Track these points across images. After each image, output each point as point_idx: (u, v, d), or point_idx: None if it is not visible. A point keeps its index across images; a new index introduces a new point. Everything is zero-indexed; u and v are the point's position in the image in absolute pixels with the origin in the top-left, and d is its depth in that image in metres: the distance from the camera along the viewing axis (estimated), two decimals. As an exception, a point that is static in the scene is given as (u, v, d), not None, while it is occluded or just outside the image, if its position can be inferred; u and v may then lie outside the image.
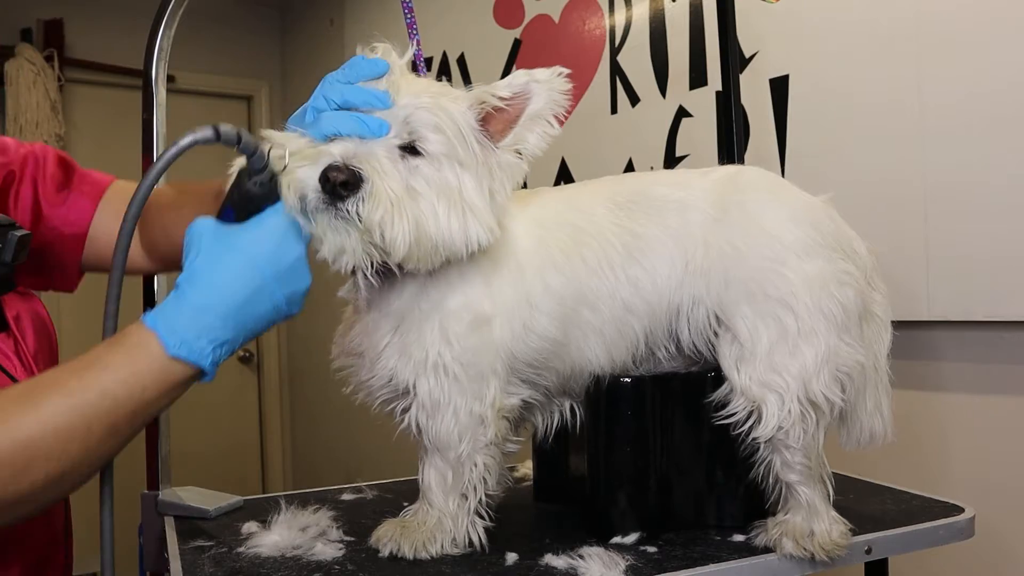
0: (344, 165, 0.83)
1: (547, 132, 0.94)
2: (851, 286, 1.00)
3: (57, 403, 0.75)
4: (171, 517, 1.19)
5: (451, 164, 0.89)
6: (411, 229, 0.85)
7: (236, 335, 0.81)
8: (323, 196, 0.83)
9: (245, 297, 0.81)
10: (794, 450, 0.98)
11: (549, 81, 0.92)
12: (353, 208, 0.83)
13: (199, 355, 0.79)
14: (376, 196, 0.83)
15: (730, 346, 1.00)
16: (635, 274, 1.01)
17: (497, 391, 0.98)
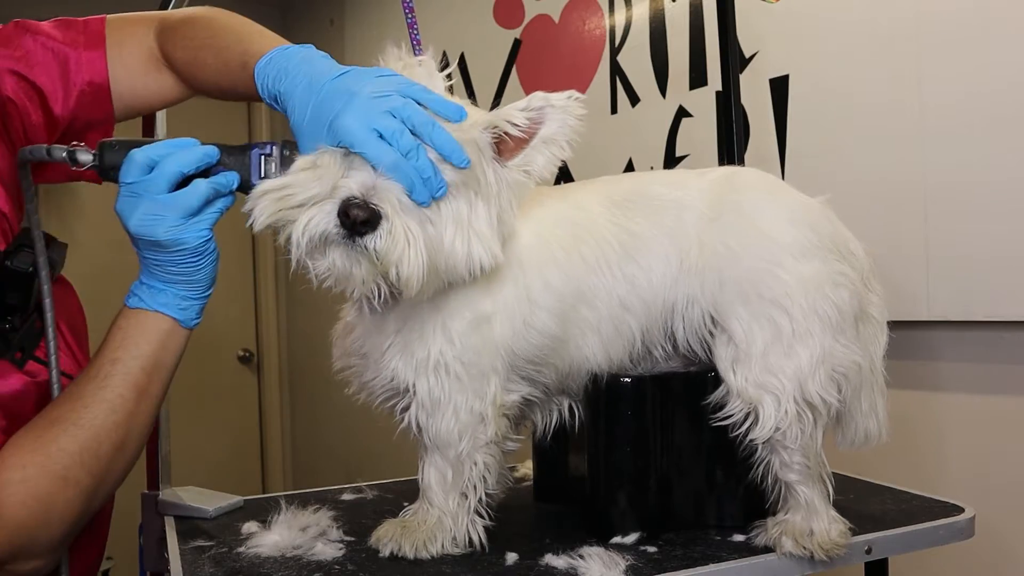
0: (364, 202, 0.82)
1: (556, 155, 0.94)
2: (846, 287, 1.00)
3: (89, 387, 0.91)
4: (171, 517, 1.19)
5: (465, 192, 0.89)
6: (424, 265, 0.85)
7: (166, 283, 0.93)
8: (341, 231, 0.83)
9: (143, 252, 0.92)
10: (792, 450, 0.98)
11: (564, 106, 0.92)
12: (371, 245, 0.83)
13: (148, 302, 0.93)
14: (395, 236, 0.83)
15: (726, 347, 1.00)
16: (632, 272, 1.01)
17: (498, 388, 0.98)
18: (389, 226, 0.83)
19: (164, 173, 0.88)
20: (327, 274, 0.87)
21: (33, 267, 0.94)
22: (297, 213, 0.83)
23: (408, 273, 0.84)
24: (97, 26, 1.09)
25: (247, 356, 4.23)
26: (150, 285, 0.93)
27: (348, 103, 0.84)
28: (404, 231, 0.84)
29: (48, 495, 0.85)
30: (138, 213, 0.88)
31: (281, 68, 0.90)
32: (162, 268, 0.91)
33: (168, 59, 1.07)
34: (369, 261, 0.84)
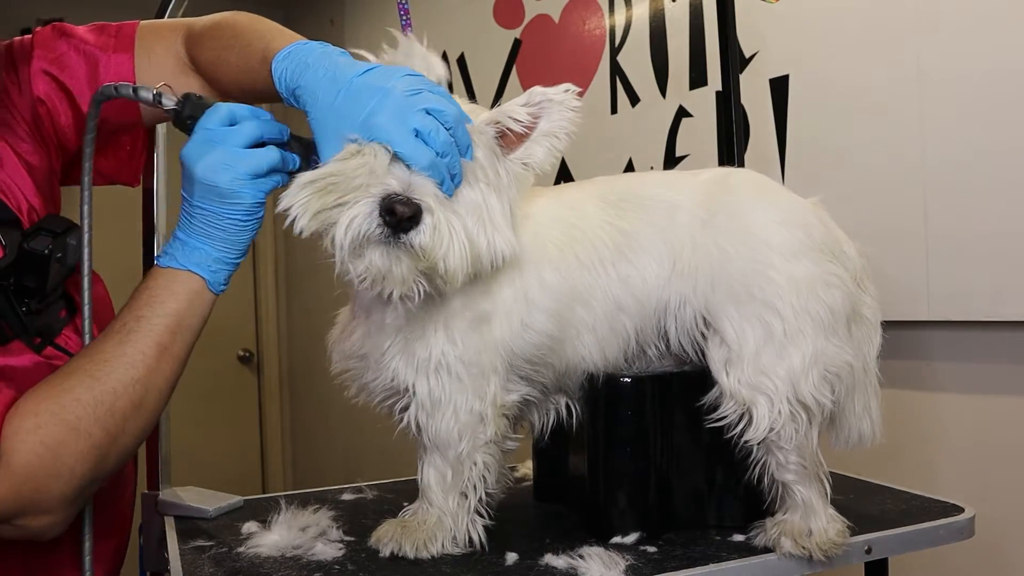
0: (407, 198, 0.82)
1: (555, 148, 0.95)
2: (838, 288, 1.00)
3: (110, 341, 0.90)
4: (171, 517, 1.19)
5: (479, 185, 0.90)
6: (468, 257, 0.87)
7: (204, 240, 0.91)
8: (384, 230, 0.83)
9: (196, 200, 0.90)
10: (787, 451, 0.98)
11: (563, 100, 0.94)
12: (416, 241, 0.84)
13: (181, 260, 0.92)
14: (439, 229, 0.84)
15: (718, 349, 1.00)
16: (626, 272, 1.02)
17: (497, 388, 0.99)
18: (433, 220, 0.84)
19: (245, 130, 0.89)
20: (365, 274, 0.86)
21: (48, 250, 0.94)
22: (338, 213, 0.83)
23: (455, 265, 0.85)
24: (129, 31, 1.10)
25: (247, 356, 4.23)
26: (185, 241, 0.92)
27: (383, 101, 0.85)
28: (447, 224, 0.85)
29: (58, 444, 0.83)
30: (209, 158, 0.88)
31: (301, 62, 0.90)
32: (207, 220, 0.90)
33: (195, 62, 1.08)
34: (411, 258, 0.85)
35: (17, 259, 0.93)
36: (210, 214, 0.90)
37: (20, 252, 0.93)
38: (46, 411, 0.84)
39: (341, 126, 0.86)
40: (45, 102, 1.04)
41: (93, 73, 1.06)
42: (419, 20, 1.19)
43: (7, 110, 1.02)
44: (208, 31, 1.07)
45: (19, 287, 0.94)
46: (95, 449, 0.85)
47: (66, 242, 0.98)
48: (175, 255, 0.92)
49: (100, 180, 1.17)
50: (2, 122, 1.01)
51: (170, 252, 0.93)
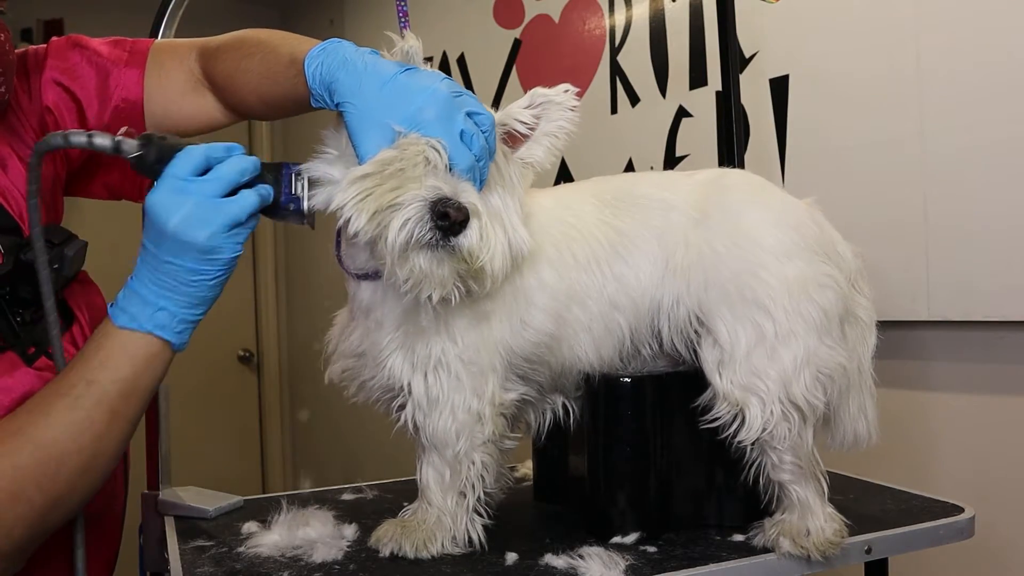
0: (458, 203, 0.84)
1: (555, 146, 0.98)
2: (832, 289, 1.00)
3: (58, 404, 0.84)
4: (171, 517, 1.19)
5: (497, 188, 0.92)
6: (508, 259, 0.89)
7: (170, 298, 0.86)
8: (436, 233, 0.83)
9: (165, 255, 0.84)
10: (781, 451, 0.98)
11: (563, 101, 0.97)
12: (465, 244, 0.85)
13: (142, 321, 0.86)
14: (486, 232, 0.86)
15: (711, 350, 1.00)
16: (620, 271, 1.02)
17: (495, 387, 0.99)
18: (480, 224, 0.86)
19: (222, 177, 0.85)
20: (409, 276, 0.86)
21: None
22: (391, 215, 0.83)
23: (499, 267, 0.88)
24: (143, 47, 1.10)
25: (247, 356, 4.23)
26: (146, 297, 0.85)
27: (431, 98, 0.85)
28: (492, 228, 0.87)
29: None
30: (184, 212, 0.82)
31: (339, 57, 0.89)
32: (177, 276, 0.84)
33: (210, 76, 1.08)
34: (455, 261, 0.86)
35: (13, 268, 0.92)
36: (181, 270, 0.84)
37: (16, 262, 0.92)
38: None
39: (386, 117, 0.85)
40: (53, 111, 1.04)
41: (103, 85, 1.06)
42: (419, 20, 1.20)
43: (16, 116, 1.02)
44: (229, 43, 1.07)
45: (14, 297, 0.93)
46: (34, 512, 0.82)
47: (63, 253, 0.96)
48: (134, 314, 0.85)
49: (106, 195, 1.17)
50: (10, 128, 1.01)
51: (127, 310, 0.86)
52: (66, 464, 0.83)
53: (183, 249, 0.83)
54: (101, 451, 0.85)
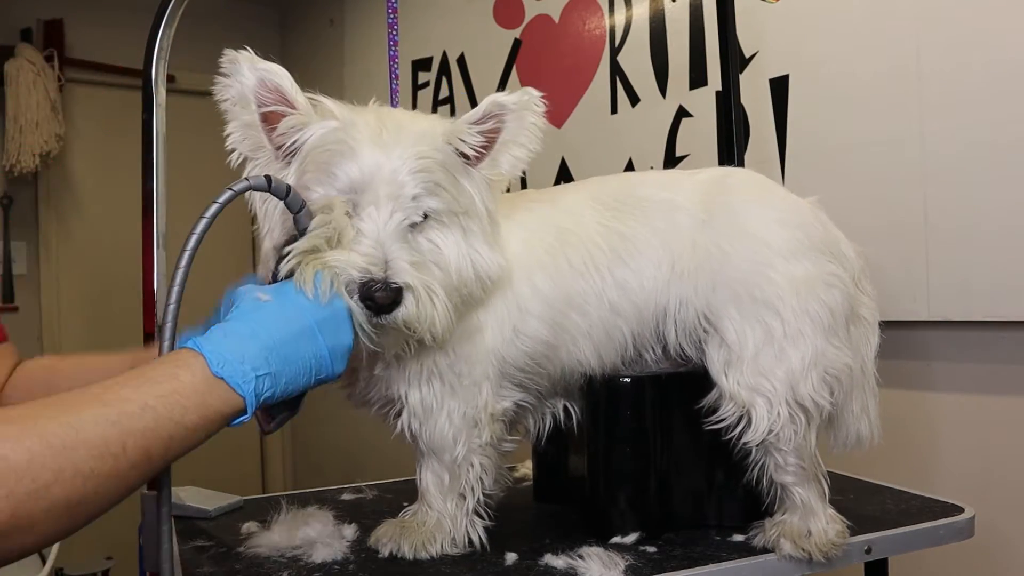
0: (385, 283, 0.83)
1: (521, 155, 0.94)
2: (838, 288, 0.99)
3: (95, 413, 0.67)
4: (171, 517, 1.19)
5: (454, 217, 0.91)
6: (451, 314, 0.88)
7: (279, 370, 0.77)
8: (367, 313, 0.83)
9: (289, 334, 0.78)
10: (786, 452, 0.98)
11: (522, 107, 0.92)
12: (400, 318, 0.84)
13: (241, 378, 0.74)
14: (421, 303, 0.85)
15: (718, 350, 1.00)
16: (622, 276, 1.01)
17: (489, 395, 0.98)
18: (415, 296, 0.84)
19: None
20: (356, 348, 0.87)
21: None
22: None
23: (441, 329, 0.86)
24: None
25: (247, 356, 4.23)
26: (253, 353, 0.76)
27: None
28: (427, 294, 0.85)
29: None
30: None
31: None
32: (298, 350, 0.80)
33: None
34: (398, 331, 0.85)
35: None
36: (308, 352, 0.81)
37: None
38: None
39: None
40: None
41: None
42: (419, 20, 1.19)
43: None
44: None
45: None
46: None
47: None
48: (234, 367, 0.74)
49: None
50: None
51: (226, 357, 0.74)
52: (61, 484, 0.64)
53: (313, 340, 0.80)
54: (107, 488, 0.68)
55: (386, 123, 0.89)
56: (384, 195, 0.86)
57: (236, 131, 0.90)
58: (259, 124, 0.90)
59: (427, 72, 3.03)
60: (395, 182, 0.86)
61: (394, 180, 0.86)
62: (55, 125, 3.41)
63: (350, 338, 0.83)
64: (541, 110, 0.93)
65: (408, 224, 0.87)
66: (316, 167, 0.87)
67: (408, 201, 0.87)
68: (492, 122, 0.92)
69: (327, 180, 0.87)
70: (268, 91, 0.89)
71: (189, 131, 2.47)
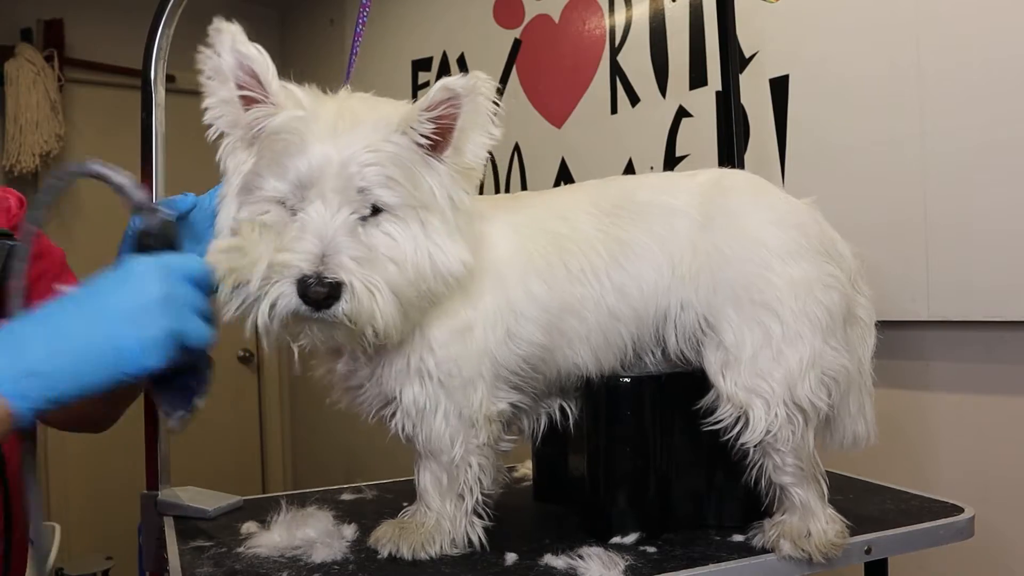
0: (319, 277, 0.82)
1: (482, 141, 0.92)
2: (836, 289, 1.00)
3: None
4: (171, 517, 1.19)
5: (411, 210, 0.89)
6: (396, 310, 0.86)
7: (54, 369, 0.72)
8: (307, 308, 0.83)
9: (80, 328, 0.74)
10: (784, 453, 0.98)
11: (471, 90, 0.90)
12: (340, 311, 0.83)
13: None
14: (359, 296, 0.84)
15: (715, 352, 1.00)
16: (621, 281, 1.00)
17: (484, 396, 0.98)
18: (351, 290, 0.83)
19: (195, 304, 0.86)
20: (309, 344, 0.88)
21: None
22: (257, 293, 0.84)
23: (384, 323, 0.85)
24: None
25: (247, 356, 4.22)
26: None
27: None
28: (366, 288, 0.84)
29: None
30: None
31: None
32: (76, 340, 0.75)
33: None
34: (343, 325, 0.85)
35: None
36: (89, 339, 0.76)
37: None
38: None
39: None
40: None
41: None
42: (419, 20, 1.20)
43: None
44: None
45: None
46: None
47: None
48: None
49: None
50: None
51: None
52: None
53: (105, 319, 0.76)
54: None
55: (344, 113, 0.88)
56: (330, 189, 0.85)
57: (214, 106, 0.90)
58: (237, 101, 0.89)
59: (427, 72, 3.03)
60: (342, 175, 0.85)
61: (342, 174, 0.85)
62: (55, 125, 3.41)
63: (160, 328, 0.77)
64: (491, 90, 0.91)
65: (358, 218, 0.86)
66: (271, 156, 0.87)
67: (355, 194, 0.86)
68: (444, 107, 0.90)
69: (279, 172, 0.86)
70: (245, 73, 0.89)
71: (189, 131, 2.48)
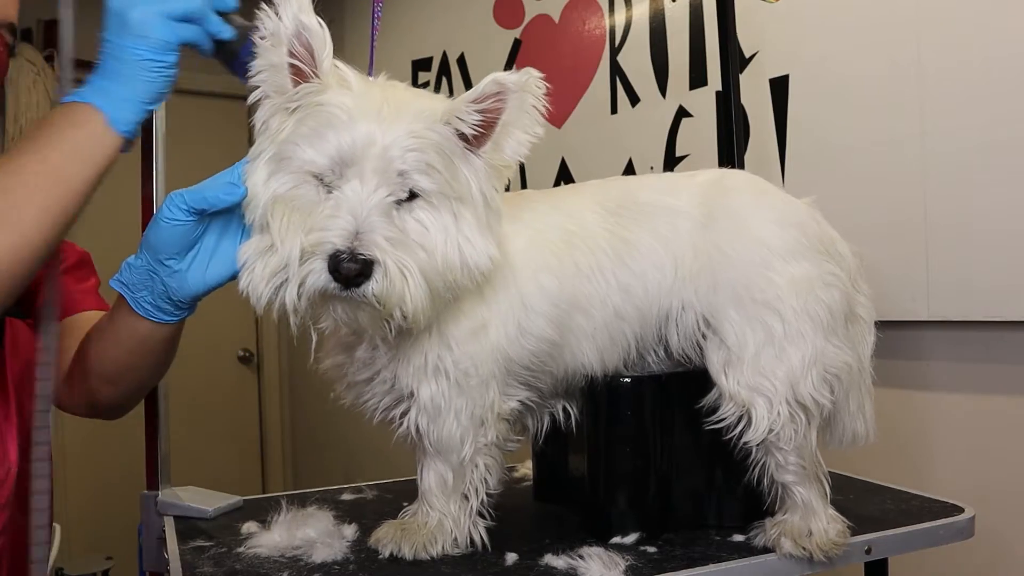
0: (353, 253, 0.82)
1: (524, 139, 0.91)
2: (837, 287, 1.00)
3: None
4: (171, 517, 1.19)
5: (446, 200, 0.89)
6: (426, 296, 0.86)
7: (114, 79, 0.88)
8: (336, 286, 0.82)
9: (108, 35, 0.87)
10: (786, 452, 0.98)
11: (521, 87, 0.89)
12: (370, 291, 0.83)
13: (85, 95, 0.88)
14: (391, 277, 0.83)
15: (717, 351, 1.00)
16: (626, 280, 1.01)
17: (496, 394, 0.98)
18: (383, 269, 0.83)
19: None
20: (333, 325, 0.87)
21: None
22: (285, 275, 0.84)
23: (413, 308, 0.85)
24: None
25: (247, 356, 4.23)
26: (93, 82, 0.88)
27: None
28: (398, 269, 0.84)
29: None
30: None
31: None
32: (114, 55, 0.88)
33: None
34: (371, 306, 0.84)
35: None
36: (117, 48, 0.87)
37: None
38: None
39: None
40: None
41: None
42: (419, 20, 1.20)
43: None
44: None
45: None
46: None
47: None
48: (80, 93, 0.88)
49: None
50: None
51: (76, 92, 0.89)
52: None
53: (119, 25, 0.87)
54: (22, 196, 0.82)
55: (389, 99, 0.88)
56: (370, 169, 0.85)
57: (263, 68, 0.89)
58: (286, 67, 0.88)
59: (427, 72, 3.03)
60: (384, 157, 0.85)
61: (384, 155, 0.85)
62: (55, 125, 3.41)
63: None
64: (542, 91, 0.90)
65: (393, 201, 0.86)
66: (313, 127, 0.86)
67: (394, 177, 0.86)
68: (491, 101, 0.89)
69: (318, 143, 0.86)
70: (301, 44, 0.88)
71: (189, 131, 2.47)
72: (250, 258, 0.87)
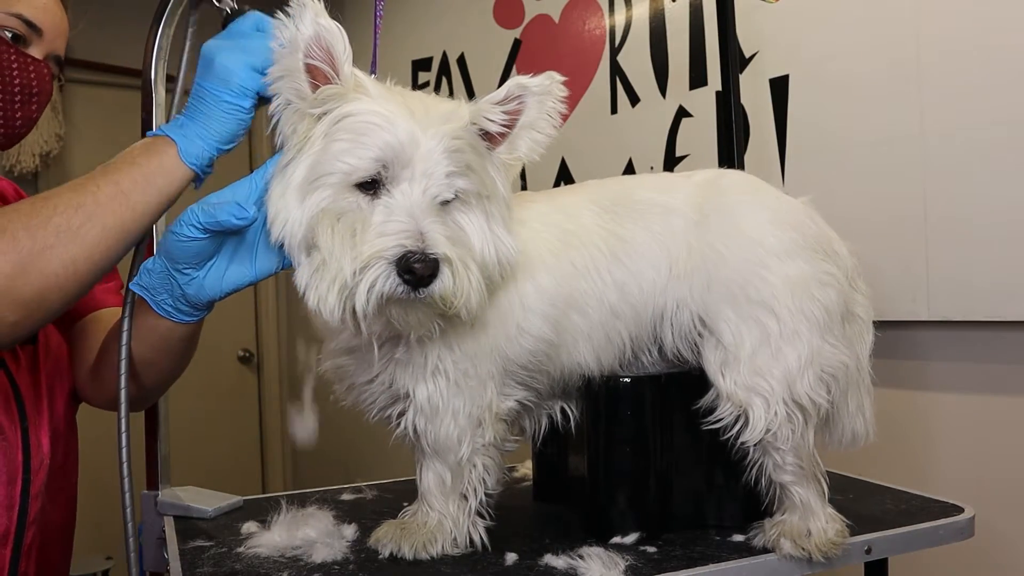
0: (424, 253, 0.82)
1: (539, 139, 0.94)
2: (833, 287, 1.00)
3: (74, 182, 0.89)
4: (171, 517, 1.19)
5: (480, 200, 0.90)
6: (483, 290, 0.87)
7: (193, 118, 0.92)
8: (406, 288, 0.82)
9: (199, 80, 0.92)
10: (784, 452, 0.98)
11: (544, 90, 0.92)
12: (437, 292, 0.83)
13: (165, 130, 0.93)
14: (458, 276, 0.84)
15: (714, 351, 1.00)
16: (621, 278, 1.01)
17: (494, 394, 0.98)
18: (451, 269, 0.84)
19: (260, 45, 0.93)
20: (386, 329, 0.87)
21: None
22: (355, 282, 0.82)
23: (475, 305, 0.86)
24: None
25: (247, 356, 4.23)
26: (177, 119, 0.93)
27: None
28: (464, 268, 0.85)
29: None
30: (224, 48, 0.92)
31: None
32: (199, 97, 0.92)
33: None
34: (428, 306, 0.85)
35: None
36: (202, 89, 0.91)
37: None
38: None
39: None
40: None
41: None
42: (419, 20, 1.20)
43: None
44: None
45: None
46: (15, 250, 0.83)
47: None
48: (164, 127, 0.93)
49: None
50: None
51: (161, 127, 0.94)
52: (60, 213, 0.85)
53: (206, 70, 0.91)
54: (96, 218, 0.87)
55: (413, 104, 0.89)
56: (420, 172, 0.85)
57: (279, 73, 0.89)
58: (303, 72, 0.88)
59: (427, 72, 3.03)
60: (431, 159, 0.86)
61: (430, 157, 0.86)
62: (55, 125, 3.41)
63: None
64: (562, 95, 0.93)
65: (440, 202, 0.87)
66: (349, 136, 0.86)
67: (442, 179, 0.87)
68: (514, 103, 0.92)
69: (358, 150, 0.85)
70: (320, 48, 0.88)
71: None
72: (310, 281, 0.86)
